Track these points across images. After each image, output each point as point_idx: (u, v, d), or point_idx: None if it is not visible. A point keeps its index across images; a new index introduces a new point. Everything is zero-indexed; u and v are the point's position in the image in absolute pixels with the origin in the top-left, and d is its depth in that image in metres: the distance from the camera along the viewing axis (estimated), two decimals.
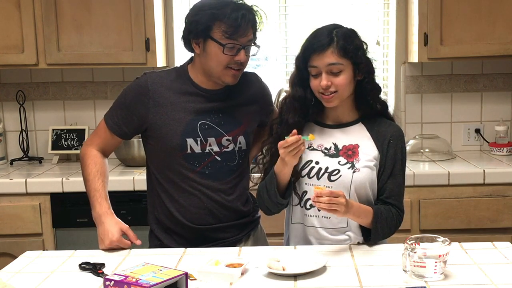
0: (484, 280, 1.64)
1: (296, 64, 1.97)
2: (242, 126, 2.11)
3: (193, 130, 2.03)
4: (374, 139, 1.97)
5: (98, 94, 3.53)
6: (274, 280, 1.67)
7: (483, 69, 3.47)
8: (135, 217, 2.84)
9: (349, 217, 1.88)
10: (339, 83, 1.89)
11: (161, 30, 3.31)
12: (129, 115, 2.07)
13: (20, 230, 3.00)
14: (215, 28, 1.95)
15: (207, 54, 1.99)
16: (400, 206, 1.97)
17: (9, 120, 3.55)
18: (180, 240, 2.08)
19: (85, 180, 2.12)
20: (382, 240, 1.97)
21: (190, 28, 2.00)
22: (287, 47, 3.58)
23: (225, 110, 2.08)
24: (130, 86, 2.11)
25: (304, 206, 1.98)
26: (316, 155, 1.98)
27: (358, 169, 1.93)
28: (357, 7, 3.55)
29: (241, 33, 1.95)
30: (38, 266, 1.86)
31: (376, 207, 1.93)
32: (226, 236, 2.11)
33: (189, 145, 2.03)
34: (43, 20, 3.11)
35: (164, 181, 2.09)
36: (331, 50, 1.87)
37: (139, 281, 1.51)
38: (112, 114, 2.11)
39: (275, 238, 2.45)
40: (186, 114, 2.04)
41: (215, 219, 2.08)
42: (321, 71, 1.89)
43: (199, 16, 1.96)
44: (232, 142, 2.08)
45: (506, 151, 3.34)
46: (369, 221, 1.90)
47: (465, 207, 2.96)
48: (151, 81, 2.06)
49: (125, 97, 2.10)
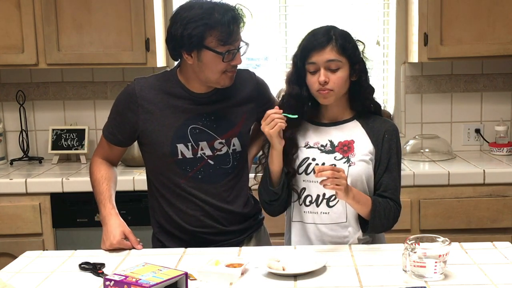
0: (484, 280, 1.64)
1: (294, 62, 1.99)
2: (236, 127, 2.09)
3: (183, 135, 2.02)
4: (369, 134, 1.99)
5: (98, 94, 3.53)
6: (274, 280, 1.67)
7: (483, 69, 3.47)
8: (135, 217, 2.84)
9: (350, 201, 1.88)
10: (336, 80, 1.91)
11: (161, 30, 3.30)
12: (121, 123, 2.07)
13: (20, 230, 3.00)
14: (210, 37, 1.90)
15: (203, 64, 1.95)
16: (397, 200, 1.98)
17: (9, 120, 3.55)
18: (181, 243, 2.08)
19: (92, 187, 2.14)
20: (380, 231, 1.99)
21: (182, 42, 1.92)
22: (287, 47, 3.58)
23: (217, 113, 2.06)
24: (121, 93, 2.10)
25: (303, 203, 1.99)
26: (312, 152, 2.00)
27: (353, 163, 1.95)
28: (357, 7, 3.55)
29: (234, 37, 1.93)
30: (38, 266, 1.86)
31: (374, 197, 1.95)
32: (227, 239, 2.10)
33: (180, 151, 2.02)
34: (43, 20, 3.11)
35: (160, 186, 2.09)
36: (330, 47, 1.91)
37: (139, 281, 1.51)
38: (108, 124, 2.13)
39: (277, 238, 2.45)
40: (175, 119, 2.02)
41: (214, 221, 2.08)
42: (320, 68, 1.91)
43: (191, 29, 1.89)
44: (225, 145, 2.06)
45: (506, 151, 3.34)
46: (368, 209, 1.91)
47: (465, 207, 2.96)
48: (138, 87, 2.04)
49: (117, 105, 2.09)
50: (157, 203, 2.12)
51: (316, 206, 1.97)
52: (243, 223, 2.15)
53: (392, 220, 1.97)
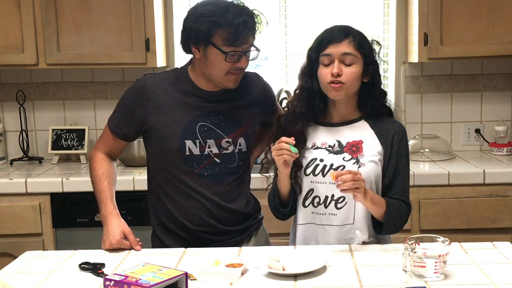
0: (484, 280, 1.64)
1: (308, 55, 1.99)
2: (243, 127, 2.10)
3: (192, 132, 2.03)
4: (378, 135, 1.99)
5: (98, 94, 3.53)
6: (274, 280, 1.67)
7: (483, 69, 3.47)
8: (135, 217, 2.84)
9: (367, 203, 1.87)
10: (349, 74, 1.91)
11: (161, 30, 3.31)
12: (129, 117, 2.07)
13: (20, 230, 3.00)
14: (216, 35, 1.93)
15: (208, 60, 1.98)
16: (407, 201, 1.99)
17: (9, 120, 3.55)
18: (181, 242, 2.08)
19: (92, 183, 2.13)
20: (393, 232, 1.99)
21: (190, 34, 1.97)
22: (287, 47, 3.58)
23: (226, 112, 2.07)
24: (130, 88, 2.10)
25: (311, 204, 1.99)
26: (320, 153, 1.99)
27: (363, 164, 1.94)
28: (357, 7, 3.55)
29: (242, 40, 1.94)
30: (38, 266, 1.86)
31: (387, 198, 1.95)
32: (227, 238, 2.10)
33: (188, 147, 2.03)
34: (43, 20, 3.11)
35: (163, 182, 2.09)
36: (348, 41, 1.92)
37: (139, 281, 1.51)
38: (114, 117, 2.12)
39: (277, 238, 2.45)
40: (185, 115, 2.03)
41: (216, 221, 2.08)
42: (334, 59, 1.91)
43: (200, 23, 1.93)
44: (232, 144, 2.07)
45: (506, 151, 3.34)
46: (383, 211, 1.91)
47: (465, 207, 2.96)
48: (150, 82, 2.05)
49: (126, 99, 2.10)
50: (158, 201, 2.12)
51: (325, 208, 1.96)
52: (244, 223, 2.15)
53: (404, 221, 1.97)
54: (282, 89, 3.37)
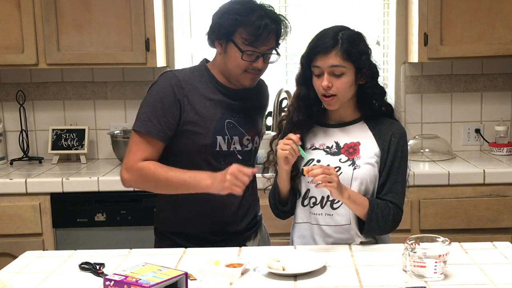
0: (484, 280, 1.64)
1: (301, 63, 1.99)
2: (258, 127, 2.16)
3: (221, 128, 2.05)
4: (376, 137, 1.98)
5: (98, 94, 3.52)
6: (274, 280, 1.67)
7: (483, 69, 3.47)
8: (135, 217, 2.84)
9: (345, 201, 1.88)
10: (340, 86, 1.90)
11: (161, 30, 3.31)
12: (169, 118, 2.00)
13: (20, 230, 3.00)
14: (237, 33, 1.96)
15: (228, 56, 2.01)
16: (398, 203, 1.96)
17: (9, 120, 3.55)
18: (188, 239, 2.08)
19: (164, 185, 2.00)
20: (378, 234, 1.98)
21: (214, 29, 2.02)
22: (287, 47, 3.57)
23: (244, 110, 2.11)
24: (162, 88, 2.02)
25: (308, 204, 1.99)
26: (318, 153, 2.00)
27: (358, 166, 1.94)
28: (357, 7, 3.55)
29: (261, 41, 1.96)
30: (38, 266, 1.86)
31: (372, 199, 1.94)
32: (238, 229, 2.12)
33: (219, 143, 2.05)
34: (43, 20, 3.11)
35: None
36: (334, 52, 1.89)
37: (139, 281, 1.51)
38: (152, 122, 1.99)
39: (278, 238, 2.45)
40: (215, 112, 2.05)
41: (230, 214, 2.10)
42: (324, 72, 1.90)
43: (223, 19, 1.98)
44: (251, 142, 2.12)
45: (506, 151, 3.34)
46: (365, 210, 1.91)
47: (465, 207, 2.96)
48: (182, 79, 2.04)
49: (162, 100, 2.00)
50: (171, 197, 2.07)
51: (321, 208, 1.97)
52: (248, 222, 2.17)
53: (391, 223, 1.94)
54: (282, 89, 3.36)
